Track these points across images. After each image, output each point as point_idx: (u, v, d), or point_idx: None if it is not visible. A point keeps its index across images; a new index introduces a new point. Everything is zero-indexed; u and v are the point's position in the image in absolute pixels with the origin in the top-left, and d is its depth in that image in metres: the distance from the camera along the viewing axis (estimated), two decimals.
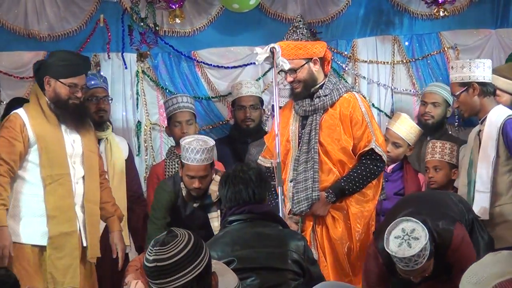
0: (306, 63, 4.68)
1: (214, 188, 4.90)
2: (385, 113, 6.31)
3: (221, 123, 6.28)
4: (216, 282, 2.68)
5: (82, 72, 4.76)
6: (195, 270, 2.58)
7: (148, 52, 6.08)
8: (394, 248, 3.83)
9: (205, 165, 4.90)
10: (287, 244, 3.64)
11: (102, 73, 5.84)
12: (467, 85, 4.73)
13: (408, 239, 3.83)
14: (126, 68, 6.19)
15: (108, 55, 6.14)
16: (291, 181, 4.61)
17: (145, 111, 6.22)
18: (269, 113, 6.22)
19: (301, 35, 4.71)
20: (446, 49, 6.38)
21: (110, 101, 5.54)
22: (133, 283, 4.26)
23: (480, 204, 4.61)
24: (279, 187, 4.29)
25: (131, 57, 6.19)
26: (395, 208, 4.36)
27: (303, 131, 4.68)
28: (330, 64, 4.83)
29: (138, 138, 6.16)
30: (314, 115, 4.65)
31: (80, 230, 4.70)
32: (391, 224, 3.87)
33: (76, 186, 4.72)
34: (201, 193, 4.95)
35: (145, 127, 6.21)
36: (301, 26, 4.75)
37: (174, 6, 5.94)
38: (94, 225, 4.78)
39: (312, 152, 4.57)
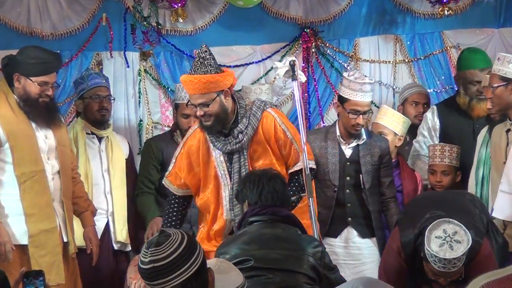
0: (217, 96, 4.32)
1: None
2: None
3: None
4: (212, 278, 2.67)
5: (53, 70, 4.67)
6: (192, 267, 2.58)
7: (151, 51, 6.08)
8: (435, 248, 3.78)
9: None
10: (304, 248, 3.65)
11: (104, 72, 5.82)
12: (507, 81, 4.60)
13: (450, 241, 3.78)
14: (128, 67, 6.17)
15: (111, 54, 6.11)
16: (231, 222, 4.45)
17: (147, 110, 6.20)
18: None
19: (209, 66, 4.33)
20: (448, 48, 6.40)
21: (112, 101, 5.51)
22: (134, 284, 4.26)
23: (505, 206, 4.49)
24: (310, 199, 4.16)
25: (134, 55, 6.17)
26: (418, 206, 4.26)
27: (231, 166, 4.44)
28: (233, 87, 4.58)
29: (140, 137, 6.14)
30: (238, 152, 4.43)
31: (59, 226, 4.64)
32: (432, 224, 3.81)
33: (52, 182, 4.64)
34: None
35: (147, 126, 6.20)
36: (207, 57, 4.40)
37: (176, 5, 5.94)
38: (71, 220, 4.74)
39: None
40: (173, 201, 4.55)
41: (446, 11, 6.02)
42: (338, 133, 4.89)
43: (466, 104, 5.38)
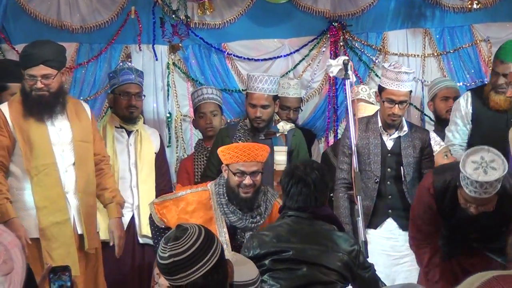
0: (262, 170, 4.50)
1: (282, 124, 5.27)
2: (415, 106, 6.30)
3: None
4: (231, 269, 2.70)
5: (37, 63, 4.58)
6: (212, 259, 2.59)
7: (180, 44, 6.11)
8: (470, 170, 3.84)
9: (268, 95, 5.18)
10: (340, 246, 3.70)
11: (132, 64, 5.77)
12: None
13: (485, 166, 3.84)
14: (156, 60, 6.21)
15: (139, 47, 6.17)
16: None
17: (176, 103, 6.25)
18: None
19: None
20: (478, 42, 6.37)
21: (143, 97, 5.48)
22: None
23: None
24: (358, 196, 4.24)
25: (162, 49, 6.22)
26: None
27: (238, 244, 4.42)
28: None
29: (169, 130, 6.18)
30: (252, 230, 4.44)
31: (73, 218, 4.63)
32: (469, 150, 3.88)
33: (66, 174, 4.64)
34: (262, 124, 5.17)
35: (176, 119, 6.26)
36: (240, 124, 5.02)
37: None
38: (89, 215, 4.72)
39: None
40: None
41: (475, 4, 6.02)
42: (380, 124, 4.86)
43: (487, 93, 5.29)
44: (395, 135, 4.86)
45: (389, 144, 4.86)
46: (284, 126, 5.31)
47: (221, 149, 4.54)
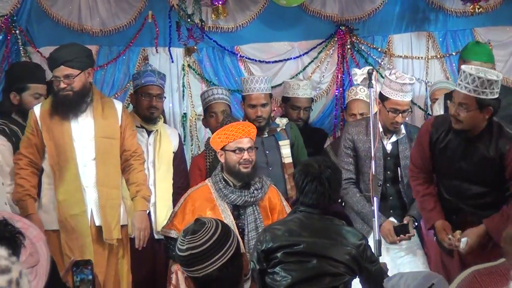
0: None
1: (279, 120, 5.46)
2: (419, 106, 6.37)
3: None
4: (246, 262, 2.74)
5: (58, 64, 4.72)
6: (228, 252, 2.63)
7: (195, 47, 6.17)
8: (468, 69, 4.12)
9: (265, 94, 5.37)
10: (349, 240, 3.77)
11: (155, 67, 5.87)
12: None
13: (484, 71, 4.14)
14: (172, 62, 6.28)
15: (156, 49, 6.24)
16: None
17: (191, 103, 6.32)
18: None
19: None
20: None
21: (163, 99, 5.53)
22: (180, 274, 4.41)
23: None
24: (375, 197, 4.31)
25: (178, 51, 6.29)
26: None
27: (245, 220, 4.65)
28: None
29: (183, 129, 6.25)
30: (253, 205, 4.67)
31: (91, 210, 4.72)
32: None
33: (85, 168, 4.74)
34: (264, 122, 5.34)
35: (191, 118, 6.33)
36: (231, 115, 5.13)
37: (217, 3, 6.01)
38: (109, 207, 4.77)
39: None
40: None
41: (477, 9, 6.06)
42: (381, 129, 4.90)
43: None
44: (394, 138, 4.96)
45: (388, 147, 4.96)
46: (281, 121, 5.46)
47: (213, 136, 4.78)
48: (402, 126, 4.96)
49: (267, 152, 5.35)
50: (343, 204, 5.14)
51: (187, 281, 2.70)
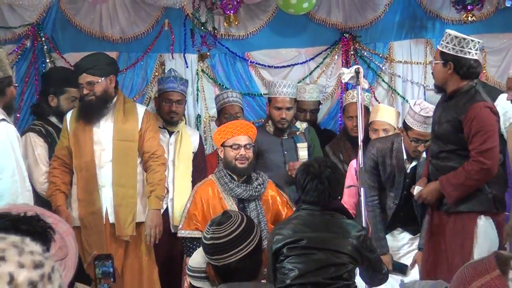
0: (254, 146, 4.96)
1: (299, 124, 5.64)
2: None
3: None
4: (266, 258, 2.87)
5: (81, 72, 4.88)
6: (248, 247, 2.69)
7: (208, 53, 6.30)
8: (450, 31, 4.42)
9: (290, 98, 5.57)
10: (349, 232, 3.82)
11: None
12: None
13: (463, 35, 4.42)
14: (187, 67, 6.39)
15: (172, 56, 6.36)
16: None
17: (204, 105, 6.44)
18: None
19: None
20: None
21: (184, 104, 5.62)
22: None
23: None
24: (362, 188, 4.44)
25: (192, 57, 6.40)
26: None
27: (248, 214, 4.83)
28: None
29: (198, 130, 6.27)
30: (255, 199, 4.82)
31: (106, 208, 4.87)
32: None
33: (102, 170, 4.87)
34: (286, 124, 5.55)
35: (204, 120, 6.45)
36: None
37: (229, 12, 6.13)
38: (124, 206, 4.88)
39: (265, 233, 4.76)
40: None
41: (469, 17, 6.16)
42: (405, 156, 5.00)
43: None
44: (414, 163, 5.03)
45: (409, 171, 5.03)
46: (301, 125, 5.63)
47: (214, 134, 4.99)
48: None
49: (285, 152, 5.52)
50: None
51: (208, 267, 2.80)
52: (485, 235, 4.41)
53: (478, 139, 4.32)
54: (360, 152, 4.49)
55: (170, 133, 5.52)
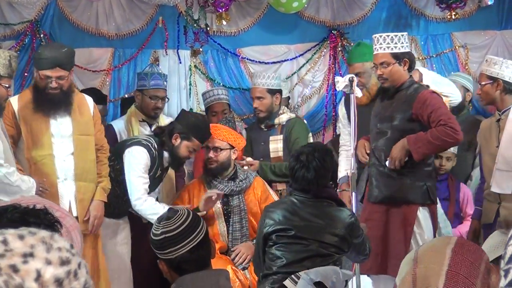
0: (229, 149, 5.02)
1: (281, 117, 5.58)
2: None
3: None
4: (214, 247, 2.92)
5: (54, 66, 4.57)
6: (197, 237, 2.71)
7: (200, 49, 6.29)
8: (377, 34, 4.63)
9: (261, 88, 5.55)
10: (338, 222, 3.83)
11: (160, 67, 5.95)
12: (493, 80, 4.82)
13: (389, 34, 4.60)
14: (180, 63, 6.40)
15: (166, 52, 6.36)
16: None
17: (196, 100, 6.43)
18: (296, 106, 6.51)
19: (232, 124, 5.19)
20: (457, 47, 6.58)
21: (166, 101, 5.62)
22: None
23: (501, 181, 4.76)
24: (353, 193, 4.48)
25: (185, 53, 6.40)
26: None
27: (230, 207, 4.97)
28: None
29: None
30: (238, 195, 4.98)
31: (69, 202, 4.64)
32: None
33: (64, 163, 4.63)
34: (262, 114, 5.55)
35: None
36: (229, 118, 5.27)
37: (220, 10, 6.15)
38: (87, 200, 4.70)
39: (245, 229, 4.95)
40: None
41: (453, 15, 6.21)
42: None
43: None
44: None
45: None
46: (281, 118, 5.59)
47: None
48: None
49: (262, 144, 5.61)
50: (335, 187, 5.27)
51: (161, 264, 2.77)
52: (424, 225, 4.62)
53: (441, 112, 4.50)
54: (353, 158, 4.53)
55: (150, 126, 5.47)
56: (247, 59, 6.57)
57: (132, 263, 5.03)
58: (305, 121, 5.85)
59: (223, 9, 6.19)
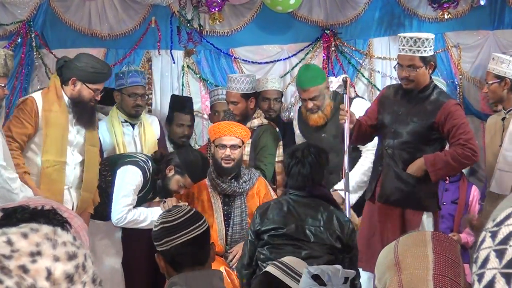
0: (242, 146, 5.02)
1: (252, 121, 5.55)
2: None
3: None
4: (213, 255, 2.83)
5: (105, 80, 4.80)
6: (194, 231, 2.72)
7: (194, 49, 6.27)
8: (405, 34, 4.56)
9: (235, 93, 5.56)
10: (334, 223, 3.85)
11: (153, 67, 5.97)
12: (500, 79, 4.85)
13: (417, 34, 4.58)
14: (174, 63, 6.37)
15: (159, 52, 6.33)
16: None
17: None
18: (290, 105, 6.49)
19: (233, 117, 5.29)
20: (449, 47, 6.55)
21: (146, 97, 5.60)
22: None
23: (501, 182, 4.81)
24: (346, 193, 4.51)
25: (178, 53, 6.37)
26: None
27: (231, 209, 4.93)
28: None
29: None
30: (240, 196, 4.95)
31: (73, 209, 4.59)
32: None
33: (73, 170, 4.67)
34: (236, 119, 5.38)
35: None
36: (229, 112, 5.32)
37: (214, 10, 6.14)
38: (83, 209, 4.74)
39: (244, 232, 4.86)
40: None
41: (446, 15, 6.22)
42: None
43: (304, 114, 5.43)
44: None
45: None
46: (253, 123, 5.56)
47: (208, 129, 5.10)
48: None
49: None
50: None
51: (158, 259, 2.79)
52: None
53: (463, 129, 4.45)
54: (346, 157, 4.51)
55: (133, 126, 5.43)
56: (240, 59, 6.55)
57: (124, 264, 5.02)
58: (277, 129, 5.72)
59: (217, 9, 6.18)
